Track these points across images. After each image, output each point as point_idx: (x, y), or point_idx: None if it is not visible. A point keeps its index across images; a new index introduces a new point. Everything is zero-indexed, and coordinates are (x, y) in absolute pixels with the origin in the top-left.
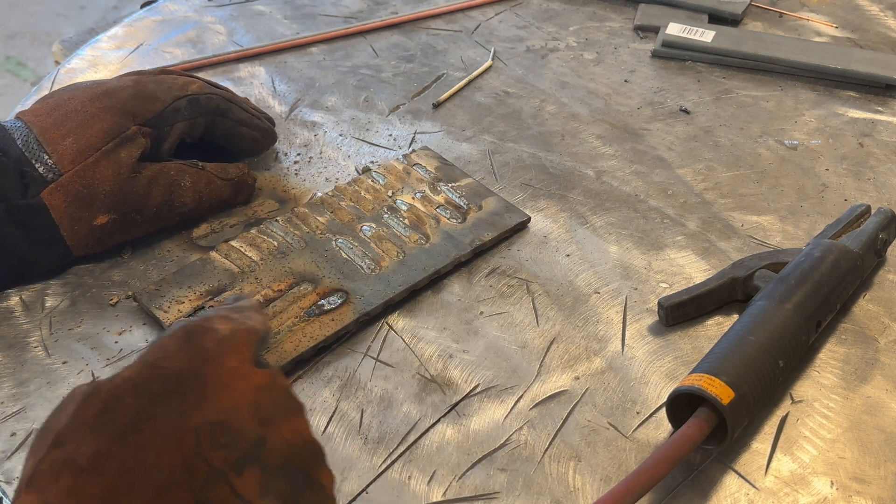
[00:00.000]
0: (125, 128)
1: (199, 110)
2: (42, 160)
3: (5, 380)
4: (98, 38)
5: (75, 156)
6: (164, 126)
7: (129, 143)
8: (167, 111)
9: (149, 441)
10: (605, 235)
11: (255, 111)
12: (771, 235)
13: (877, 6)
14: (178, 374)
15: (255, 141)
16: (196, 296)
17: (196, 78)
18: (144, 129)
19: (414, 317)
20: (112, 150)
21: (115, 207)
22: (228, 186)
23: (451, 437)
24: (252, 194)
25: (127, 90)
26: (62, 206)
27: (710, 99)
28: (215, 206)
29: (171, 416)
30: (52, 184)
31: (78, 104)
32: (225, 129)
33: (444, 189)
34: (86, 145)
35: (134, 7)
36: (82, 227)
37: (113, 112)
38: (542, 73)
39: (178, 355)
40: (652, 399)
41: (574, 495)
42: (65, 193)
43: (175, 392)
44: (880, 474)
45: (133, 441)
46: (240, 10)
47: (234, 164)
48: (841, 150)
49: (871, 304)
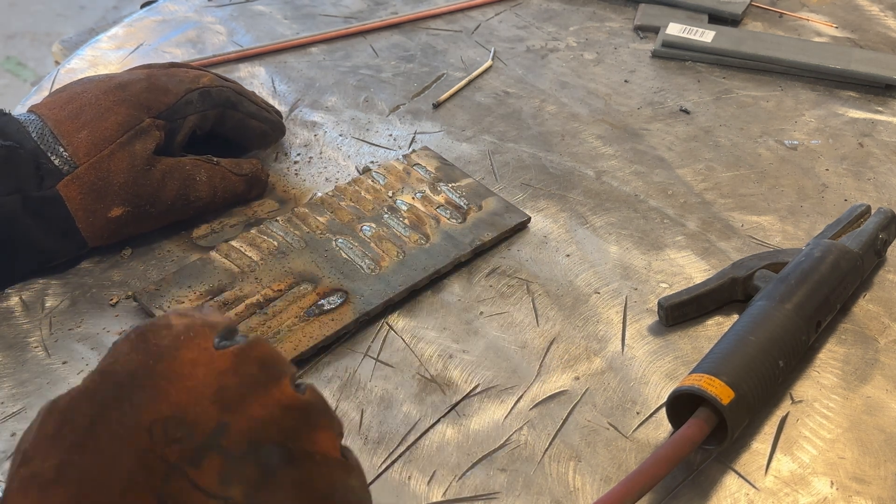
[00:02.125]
0: (139, 120)
1: (211, 103)
2: (58, 152)
3: (5, 380)
4: (98, 38)
5: (90, 148)
6: (176, 118)
7: (143, 135)
8: (179, 104)
9: (105, 446)
10: (605, 235)
11: (264, 104)
12: (771, 235)
13: (877, 6)
14: (130, 375)
15: (263, 133)
16: (196, 296)
17: (206, 71)
18: (158, 121)
19: (414, 317)
20: (127, 142)
21: (130, 200)
22: (242, 181)
23: (451, 437)
24: (265, 189)
25: (140, 83)
26: (77, 198)
27: (710, 99)
28: (230, 201)
29: (123, 417)
30: (68, 176)
31: (91, 97)
32: (235, 122)
33: (444, 189)
34: (101, 138)
35: (134, 7)
36: (97, 219)
37: (127, 105)
38: (542, 73)
39: (130, 357)
40: (652, 399)
41: (574, 495)
42: (80, 185)
43: (125, 394)
44: (880, 474)
45: (91, 448)
46: (240, 10)
47: (248, 160)
48: (841, 150)
49: (871, 305)
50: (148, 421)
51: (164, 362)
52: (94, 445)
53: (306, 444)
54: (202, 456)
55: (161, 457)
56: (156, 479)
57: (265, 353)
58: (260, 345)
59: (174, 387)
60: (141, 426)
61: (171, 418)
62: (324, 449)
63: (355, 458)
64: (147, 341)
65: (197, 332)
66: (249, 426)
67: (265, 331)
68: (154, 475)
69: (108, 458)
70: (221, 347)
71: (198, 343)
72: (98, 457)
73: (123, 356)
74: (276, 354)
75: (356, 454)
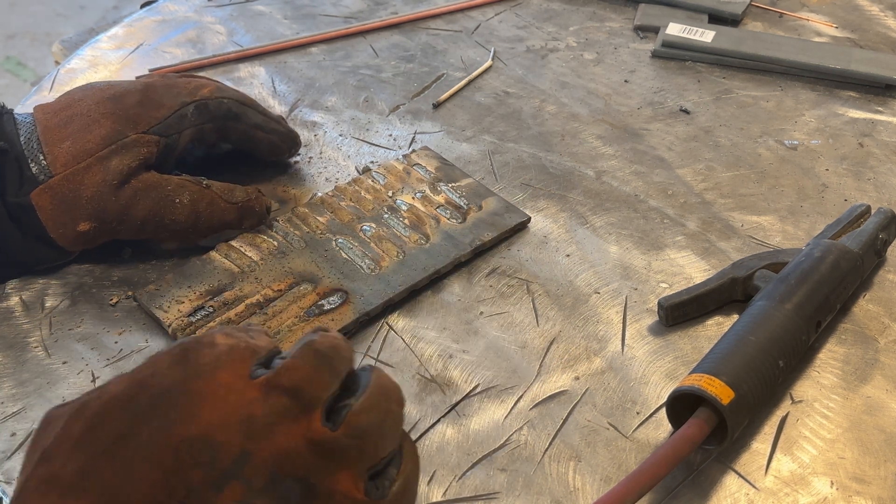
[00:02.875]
0: (123, 135)
1: (207, 116)
2: (37, 160)
3: (5, 380)
4: (98, 38)
5: (68, 159)
6: (171, 133)
7: (124, 150)
8: (172, 118)
9: (131, 458)
10: (605, 235)
11: (274, 116)
12: (771, 235)
13: (877, 6)
14: (165, 391)
15: (272, 145)
16: (196, 296)
17: (212, 81)
18: (150, 137)
19: (414, 317)
20: (105, 156)
21: (96, 216)
22: (233, 209)
23: (451, 437)
24: (262, 221)
25: (134, 95)
26: (48, 208)
27: (710, 99)
28: (216, 228)
29: (154, 432)
30: (42, 185)
31: (85, 107)
32: (239, 134)
33: (444, 189)
34: (81, 150)
35: (134, 7)
36: (67, 231)
37: (113, 118)
38: (542, 73)
39: (169, 371)
40: (652, 399)
41: (574, 495)
42: (52, 196)
43: (160, 408)
44: (880, 474)
45: (118, 458)
46: (240, 10)
47: (244, 188)
48: (841, 150)
49: (871, 305)
50: (177, 440)
51: (200, 381)
52: (122, 457)
53: (329, 483)
54: (224, 483)
55: (184, 479)
56: (173, 500)
57: (301, 379)
58: (297, 371)
59: (205, 408)
60: (169, 445)
61: (197, 439)
62: (345, 488)
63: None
64: (188, 359)
65: (238, 356)
66: (273, 457)
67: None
68: (174, 497)
69: (133, 473)
70: (257, 376)
71: (235, 368)
72: (124, 469)
73: (163, 370)
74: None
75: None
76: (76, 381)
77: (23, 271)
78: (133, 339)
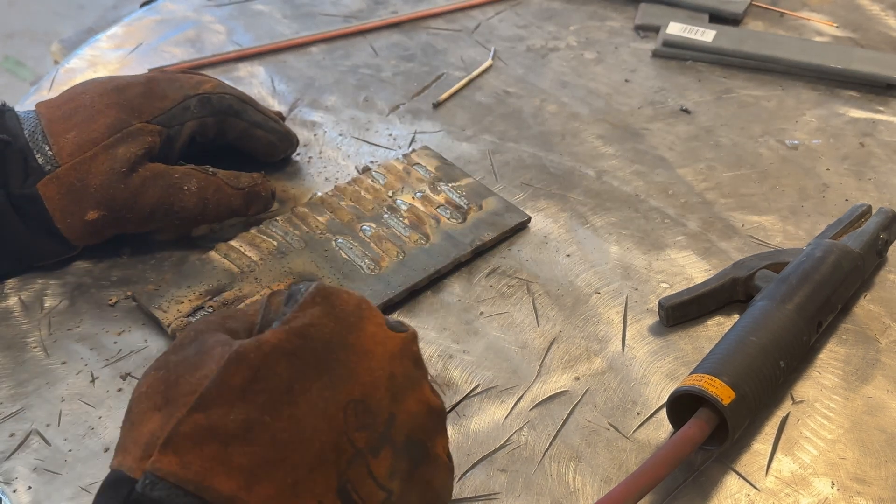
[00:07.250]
0: (128, 124)
1: (210, 109)
2: (43, 151)
3: (4, 380)
4: (97, 37)
5: (74, 149)
6: (174, 124)
7: (129, 139)
8: (176, 109)
9: (303, 415)
10: (606, 235)
11: (273, 115)
12: (772, 235)
13: (878, 6)
14: (327, 345)
15: (270, 144)
16: (195, 296)
17: (213, 79)
18: (153, 126)
19: (414, 317)
20: (112, 145)
21: (105, 204)
22: (239, 196)
23: (452, 437)
24: (267, 206)
25: (137, 87)
26: (55, 198)
27: (710, 98)
28: (223, 215)
29: (325, 390)
30: (48, 175)
31: (88, 99)
32: (238, 131)
33: (444, 189)
34: (87, 139)
35: (133, 6)
36: (75, 220)
37: (118, 108)
38: (543, 72)
39: (324, 322)
40: (652, 399)
41: (574, 496)
42: (59, 186)
43: (327, 363)
44: (881, 475)
45: (287, 413)
46: (239, 10)
47: (249, 174)
48: (842, 149)
49: (872, 305)
50: (345, 399)
51: (354, 334)
52: (291, 412)
53: (436, 446)
54: (381, 446)
55: (351, 440)
56: (342, 461)
57: (416, 350)
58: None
59: (362, 365)
60: (339, 404)
61: (360, 402)
62: (442, 452)
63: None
64: (334, 305)
65: (369, 304)
66: (407, 420)
67: None
68: (342, 457)
69: (305, 429)
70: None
71: (374, 317)
72: (294, 424)
73: (317, 319)
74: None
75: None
76: (75, 382)
77: (24, 267)
78: (132, 340)
